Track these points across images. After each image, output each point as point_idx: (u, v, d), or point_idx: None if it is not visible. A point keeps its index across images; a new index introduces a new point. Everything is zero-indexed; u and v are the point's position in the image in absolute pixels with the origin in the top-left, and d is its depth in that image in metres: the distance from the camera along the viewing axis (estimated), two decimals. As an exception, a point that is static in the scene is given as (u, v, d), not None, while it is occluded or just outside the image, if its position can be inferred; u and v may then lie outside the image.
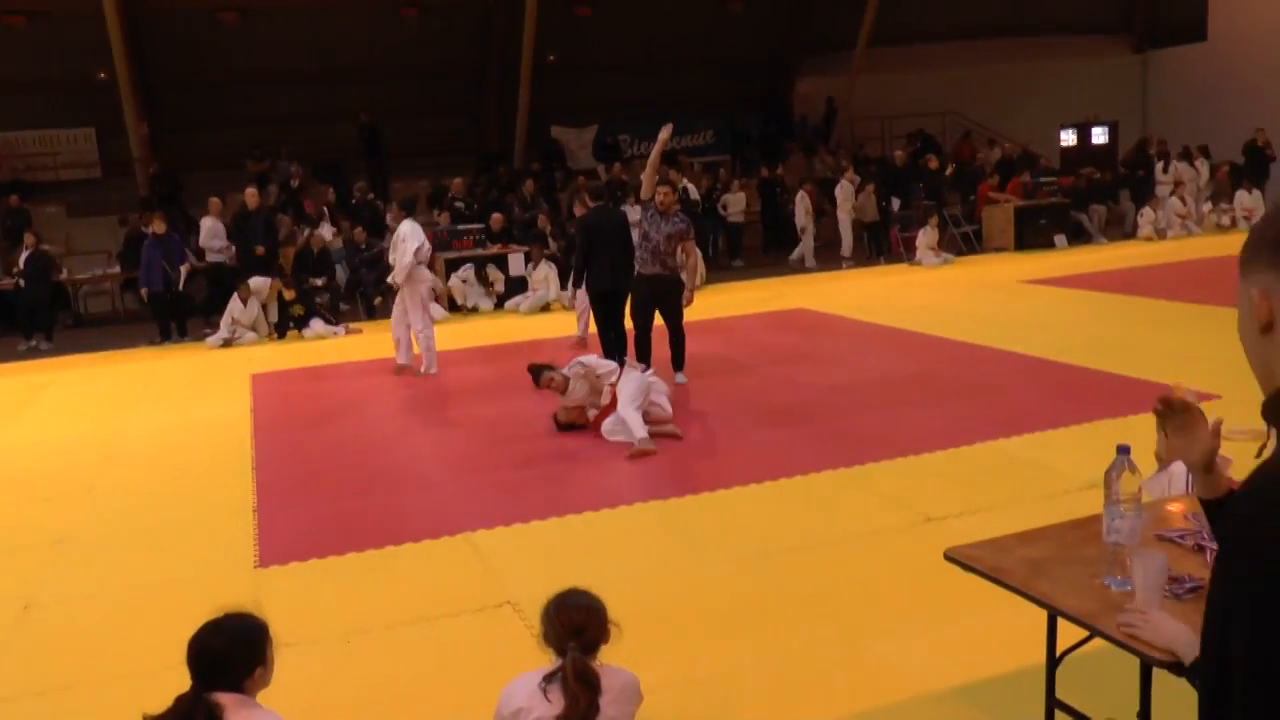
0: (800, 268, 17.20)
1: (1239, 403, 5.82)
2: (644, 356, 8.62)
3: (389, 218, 17.39)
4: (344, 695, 4.02)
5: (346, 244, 15.94)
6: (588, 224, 9.28)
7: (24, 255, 14.13)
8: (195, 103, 20.17)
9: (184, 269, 13.94)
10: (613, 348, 8.95)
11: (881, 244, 17.90)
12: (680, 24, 22.30)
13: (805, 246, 17.49)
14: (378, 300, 15.30)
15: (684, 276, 8.77)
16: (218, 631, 2.58)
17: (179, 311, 13.89)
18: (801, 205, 17.40)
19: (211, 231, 14.63)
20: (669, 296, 8.59)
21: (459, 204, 16.86)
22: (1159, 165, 19.59)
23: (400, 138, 20.45)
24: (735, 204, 18.43)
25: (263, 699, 2.68)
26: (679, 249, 8.53)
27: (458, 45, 21.53)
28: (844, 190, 17.69)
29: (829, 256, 17.76)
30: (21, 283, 14.07)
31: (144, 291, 13.69)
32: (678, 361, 8.86)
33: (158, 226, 13.57)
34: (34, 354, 13.50)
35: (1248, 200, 18.15)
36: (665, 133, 8.39)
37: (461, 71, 22.06)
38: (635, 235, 8.73)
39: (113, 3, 16.91)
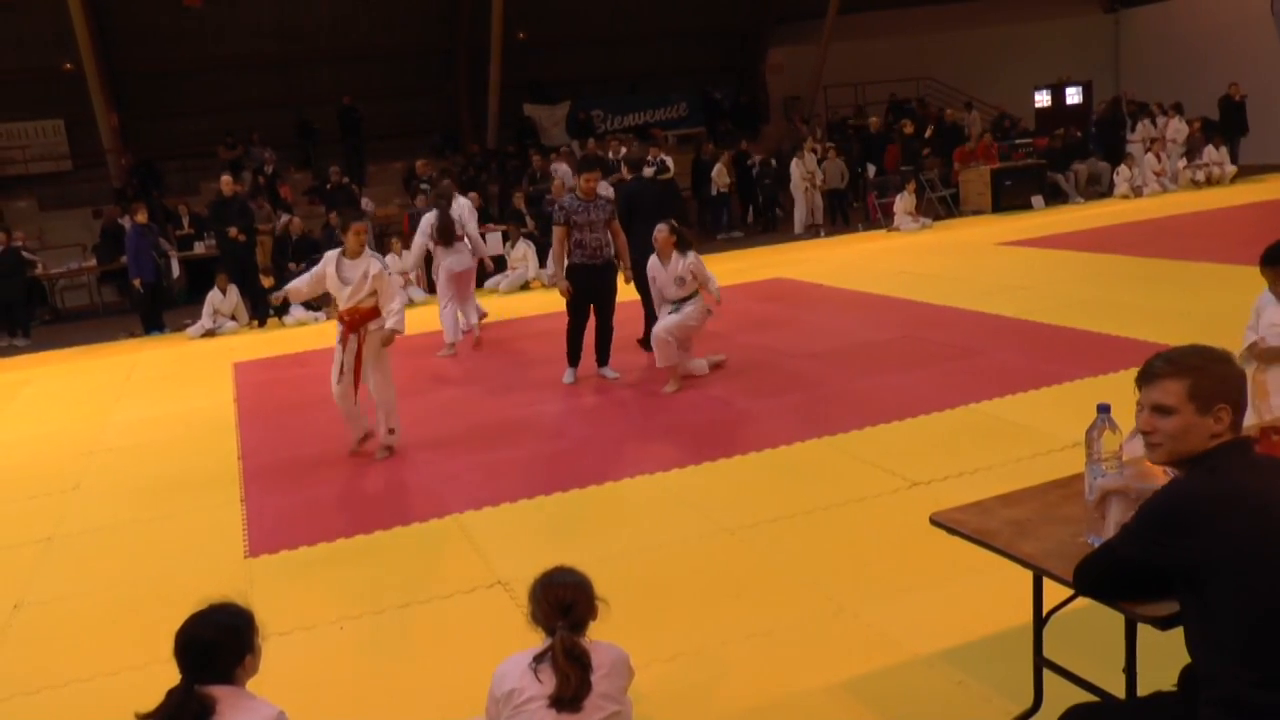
0: (806, 235, 17.23)
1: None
2: (576, 353, 8.27)
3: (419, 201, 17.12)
4: (339, 681, 4.03)
5: (324, 229, 15.84)
6: (629, 192, 9.04)
7: (-4, 252, 14.00)
8: (164, 91, 19.99)
9: (173, 257, 13.84)
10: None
11: (847, 212, 17.96)
12: (649, -4, 22.26)
13: (799, 214, 17.57)
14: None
15: (616, 260, 8.44)
16: (204, 623, 2.58)
17: (161, 302, 13.81)
18: (797, 172, 17.45)
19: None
20: (606, 285, 8.19)
21: (424, 186, 16.74)
22: (1128, 124, 19.62)
23: (372, 120, 20.34)
24: (721, 177, 18.35)
25: (258, 688, 2.69)
26: (609, 233, 8.16)
27: (427, 25, 21.39)
28: (801, 164, 17.62)
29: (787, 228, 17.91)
30: (-5, 280, 13.95)
31: (136, 282, 13.55)
32: (604, 356, 8.42)
33: (141, 216, 13.46)
34: (11, 351, 13.39)
35: (1214, 155, 18.21)
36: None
37: (431, 52, 21.92)
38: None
39: (75, -9, 16.72)
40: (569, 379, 8.30)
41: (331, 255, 6.80)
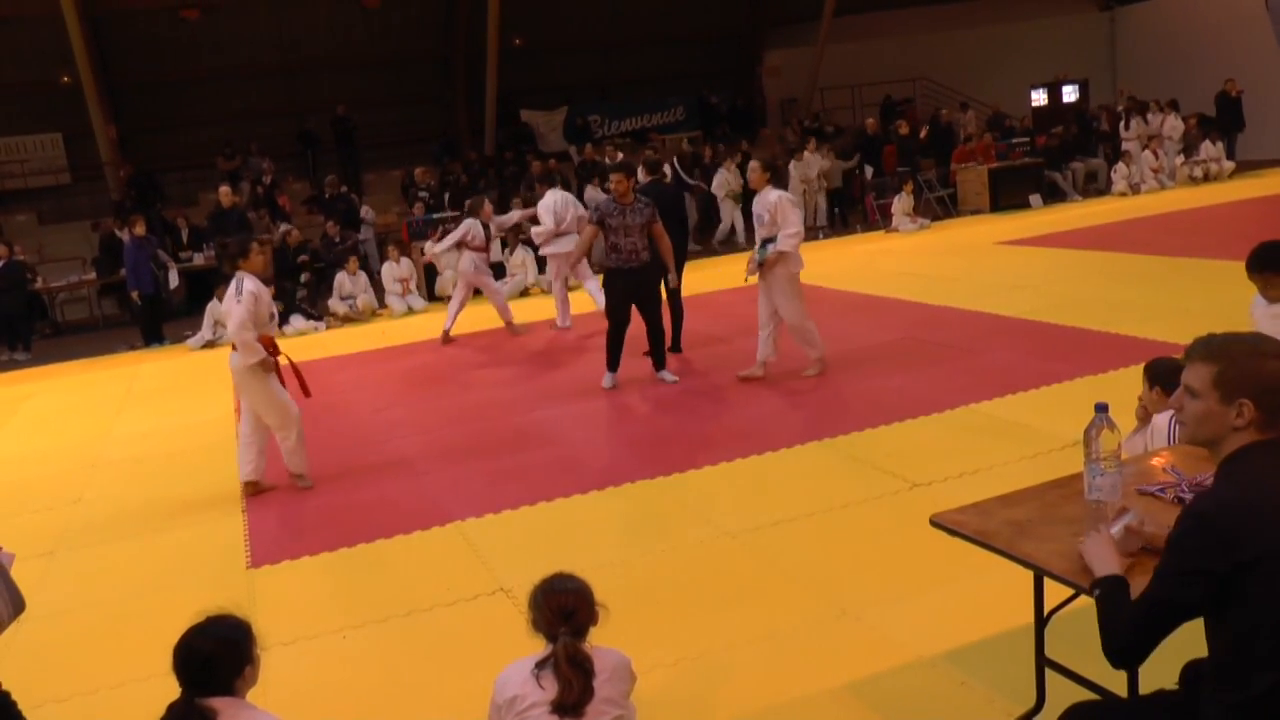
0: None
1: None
2: (616, 357, 8.19)
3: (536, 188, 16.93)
4: (343, 691, 4.03)
5: (322, 238, 15.86)
6: (649, 194, 8.88)
7: (-3, 266, 14.00)
8: (162, 103, 20.01)
9: (171, 270, 13.84)
10: (674, 319, 9.06)
11: (846, 213, 17.92)
12: (645, 1, 22.22)
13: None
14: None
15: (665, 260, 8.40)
16: (203, 635, 2.58)
17: (161, 314, 13.81)
18: (795, 175, 17.42)
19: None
20: (645, 288, 8.05)
21: (423, 193, 16.76)
22: (1122, 122, 19.63)
23: (370, 128, 20.34)
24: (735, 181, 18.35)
25: (261, 698, 2.69)
26: (648, 235, 7.98)
27: (423, 33, 21.41)
28: (798, 167, 17.58)
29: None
30: (-4, 294, 13.94)
31: (134, 295, 13.53)
32: (660, 359, 8.33)
33: (139, 228, 13.46)
34: (12, 365, 13.38)
35: (1211, 151, 18.23)
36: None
37: (428, 59, 21.95)
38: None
39: (72, 5, 16.71)
40: (608, 384, 8.17)
41: (249, 286, 6.11)
